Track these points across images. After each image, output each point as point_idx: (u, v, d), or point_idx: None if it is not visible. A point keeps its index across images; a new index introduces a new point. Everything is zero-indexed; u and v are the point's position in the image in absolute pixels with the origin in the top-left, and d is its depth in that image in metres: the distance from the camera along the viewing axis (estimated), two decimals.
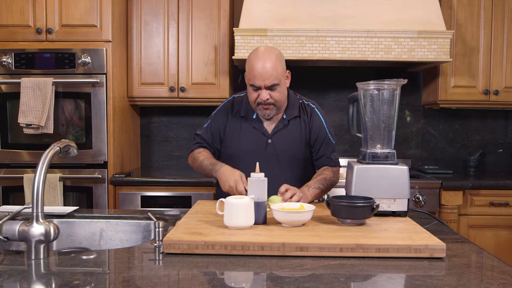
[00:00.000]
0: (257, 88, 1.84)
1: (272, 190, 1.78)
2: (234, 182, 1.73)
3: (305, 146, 1.98)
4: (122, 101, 3.06)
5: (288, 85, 1.95)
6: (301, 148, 1.96)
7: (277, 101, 1.87)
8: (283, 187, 1.73)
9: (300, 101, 2.03)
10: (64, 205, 2.79)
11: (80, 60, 2.78)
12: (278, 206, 1.50)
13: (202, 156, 1.95)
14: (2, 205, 2.84)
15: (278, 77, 1.83)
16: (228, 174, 1.77)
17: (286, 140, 1.95)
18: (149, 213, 1.62)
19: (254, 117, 1.97)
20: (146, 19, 3.13)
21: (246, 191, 1.64)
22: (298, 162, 1.96)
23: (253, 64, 1.83)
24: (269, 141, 1.94)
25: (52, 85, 2.74)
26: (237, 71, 3.50)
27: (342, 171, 1.98)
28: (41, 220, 1.23)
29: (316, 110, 2.02)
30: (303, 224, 1.45)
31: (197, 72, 3.14)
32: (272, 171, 1.82)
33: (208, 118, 2.07)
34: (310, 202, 1.76)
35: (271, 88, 1.83)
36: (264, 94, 1.83)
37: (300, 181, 1.91)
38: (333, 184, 1.94)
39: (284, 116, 1.97)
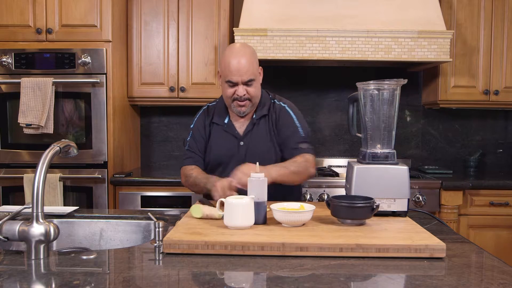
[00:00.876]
0: (234, 85, 1.86)
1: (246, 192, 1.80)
2: (221, 190, 1.70)
3: (276, 145, 1.96)
4: (122, 101, 3.06)
5: (261, 81, 1.97)
6: (271, 148, 1.95)
7: (253, 97, 1.89)
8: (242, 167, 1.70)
9: (272, 100, 2.03)
10: (64, 205, 2.79)
11: (80, 60, 2.78)
12: (279, 206, 1.50)
13: (195, 172, 1.95)
14: (2, 205, 2.84)
15: (254, 72, 1.87)
16: (217, 186, 1.74)
17: (257, 140, 1.95)
18: (149, 213, 1.62)
19: (226, 121, 1.99)
20: (146, 19, 3.13)
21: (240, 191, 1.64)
22: (272, 161, 1.92)
23: (230, 60, 1.85)
24: (241, 143, 1.95)
25: (52, 85, 2.74)
26: None
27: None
28: (41, 220, 1.23)
29: (287, 108, 2.01)
30: (303, 224, 1.45)
31: (197, 72, 3.14)
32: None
33: (188, 131, 2.09)
34: (278, 182, 1.76)
35: (247, 83, 1.86)
36: (241, 90, 1.86)
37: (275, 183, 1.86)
38: (306, 167, 1.87)
39: (254, 116, 1.98)
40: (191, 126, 2.09)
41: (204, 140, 2.02)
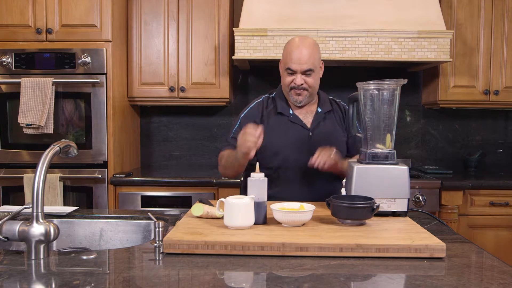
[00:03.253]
0: (292, 73, 1.89)
1: (315, 182, 1.89)
2: (244, 136, 1.69)
3: (341, 141, 2.01)
4: (122, 101, 3.06)
5: (321, 75, 1.99)
6: (340, 142, 1.99)
7: (311, 87, 1.91)
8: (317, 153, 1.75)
9: (330, 97, 2.09)
10: (64, 205, 2.79)
11: (80, 60, 2.78)
12: (279, 206, 1.50)
13: (226, 152, 1.93)
14: (2, 205, 2.84)
15: (314, 63, 1.89)
16: (240, 141, 1.73)
17: (326, 133, 1.98)
18: (149, 213, 1.62)
19: (291, 112, 1.98)
20: (146, 19, 3.13)
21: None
22: (340, 150, 1.97)
23: (292, 49, 1.89)
24: (310, 134, 1.96)
25: (52, 85, 2.74)
26: (237, 71, 3.50)
27: None
28: (41, 220, 1.23)
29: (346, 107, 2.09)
30: (303, 224, 1.45)
31: (197, 72, 3.14)
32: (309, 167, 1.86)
33: (236, 120, 2.05)
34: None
35: (306, 73, 1.88)
36: (299, 79, 1.88)
37: (335, 176, 1.95)
38: None
39: (319, 110, 2.00)
40: (241, 115, 2.03)
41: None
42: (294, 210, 1.45)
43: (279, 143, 1.94)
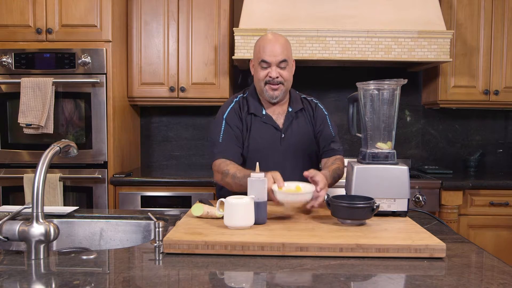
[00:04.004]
0: (267, 66, 1.87)
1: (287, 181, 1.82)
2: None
3: (313, 136, 2.01)
4: (122, 101, 3.06)
5: (293, 72, 1.98)
6: (311, 140, 1.99)
7: (286, 80, 1.89)
8: (311, 172, 1.67)
9: (302, 96, 2.07)
10: (64, 205, 2.79)
11: (80, 60, 2.78)
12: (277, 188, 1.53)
13: (232, 169, 1.80)
14: (2, 205, 2.84)
15: (288, 55, 1.89)
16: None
17: (298, 133, 1.97)
18: (149, 213, 1.62)
19: (264, 113, 1.97)
20: (146, 19, 3.13)
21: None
22: (310, 154, 1.99)
23: (265, 42, 1.89)
24: (283, 135, 1.95)
25: (52, 85, 2.74)
26: (237, 71, 3.50)
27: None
28: (41, 220, 1.23)
29: (320, 105, 2.08)
30: (303, 207, 1.49)
31: (197, 72, 3.14)
32: (286, 164, 1.88)
33: (217, 122, 1.97)
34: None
35: (280, 66, 1.87)
36: (274, 71, 1.86)
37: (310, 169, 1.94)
38: (343, 172, 1.94)
39: (290, 109, 1.99)
40: (223, 116, 1.96)
41: (240, 130, 1.93)
42: (292, 192, 1.50)
43: (254, 145, 1.93)
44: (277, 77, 1.87)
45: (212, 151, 1.93)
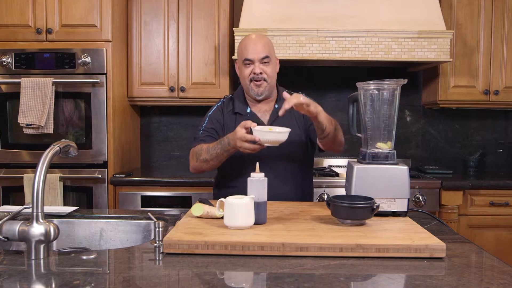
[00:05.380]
0: (250, 63, 1.92)
1: (275, 180, 1.87)
2: (239, 137, 1.70)
3: (302, 133, 2.01)
4: (122, 101, 3.06)
5: (277, 70, 2.02)
6: (298, 135, 1.98)
7: (269, 76, 1.94)
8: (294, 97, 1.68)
9: (290, 92, 2.05)
10: (64, 205, 2.79)
11: (80, 60, 2.78)
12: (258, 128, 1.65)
13: (205, 145, 1.91)
14: (2, 205, 2.84)
15: (270, 52, 1.94)
16: (233, 136, 1.75)
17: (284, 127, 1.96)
18: (149, 213, 1.62)
19: (248, 111, 2.00)
20: (146, 19, 3.13)
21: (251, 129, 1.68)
22: (297, 150, 1.98)
23: (247, 42, 1.95)
24: None
25: (52, 85, 2.75)
26: None
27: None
28: (41, 220, 1.23)
29: (305, 95, 2.04)
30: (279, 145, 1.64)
31: (197, 72, 3.14)
32: (272, 161, 1.89)
33: (203, 119, 2.06)
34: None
35: (263, 62, 1.92)
36: (257, 68, 1.92)
37: (298, 171, 1.97)
38: (340, 132, 1.93)
39: (276, 106, 2.01)
40: (209, 113, 2.06)
41: (221, 126, 2.01)
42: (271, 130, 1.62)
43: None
44: (261, 73, 1.91)
45: (192, 144, 2.01)
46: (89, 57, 2.79)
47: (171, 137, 3.55)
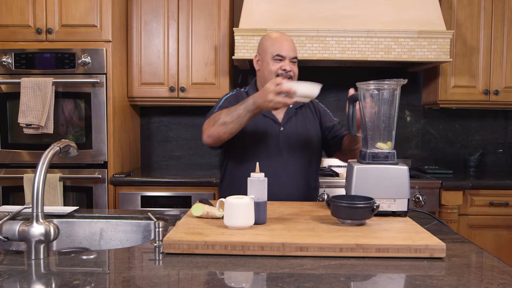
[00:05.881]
0: (281, 60, 1.95)
1: (283, 177, 1.88)
2: (274, 90, 1.66)
3: (315, 135, 2.03)
4: (122, 101, 3.06)
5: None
6: (311, 136, 2.01)
7: (295, 75, 1.98)
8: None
9: None
10: (64, 205, 2.79)
11: (80, 60, 2.78)
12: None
13: (224, 110, 1.81)
14: (2, 205, 2.84)
15: (296, 54, 2.00)
16: (262, 93, 1.70)
17: (297, 128, 1.99)
18: (149, 213, 1.62)
19: None
20: (146, 19, 3.13)
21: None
22: (307, 150, 2.00)
23: (279, 38, 1.98)
24: (281, 128, 1.97)
25: (52, 85, 2.75)
26: (237, 71, 3.50)
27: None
28: (41, 220, 1.23)
29: (318, 102, 2.15)
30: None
31: (197, 72, 3.14)
32: (282, 158, 1.92)
33: (215, 105, 2.00)
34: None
35: (292, 61, 1.97)
36: (288, 65, 1.95)
37: (306, 170, 1.99)
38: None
39: (291, 106, 2.00)
40: (223, 98, 2.01)
41: None
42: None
43: (253, 136, 1.94)
44: (290, 71, 1.94)
45: (205, 120, 1.91)
46: (89, 57, 2.79)
47: (171, 137, 3.55)
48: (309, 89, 1.71)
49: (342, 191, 2.62)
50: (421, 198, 2.79)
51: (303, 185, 1.99)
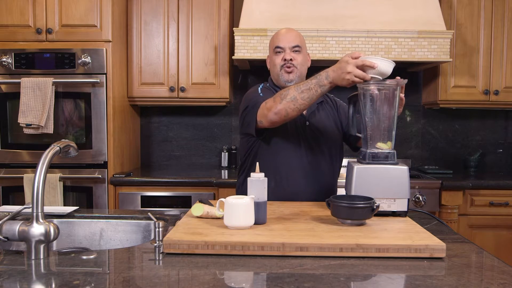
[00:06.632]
0: (281, 51, 1.95)
1: (308, 169, 1.90)
2: (355, 62, 1.59)
3: (336, 130, 2.03)
4: (122, 101, 3.06)
5: (309, 65, 2.05)
6: (334, 131, 2.02)
7: (299, 64, 1.95)
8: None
9: None
10: (64, 205, 2.79)
11: (80, 60, 2.78)
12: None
13: (292, 87, 1.72)
14: (2, 205, 2.84)
15: (301, 42, 1.98)
16: (339, 65, 1.62)
17: (321, 122, 1.99)
18: (149, 213, 1.62)
19: None
20: (146, 19, 3.13)
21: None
22: (332, 144, 2.00)
23: (279, 33, 2.00)
24: (307, 123, 1.97)
25: (52, 85, 2.75)
26: (237, 71, 3.50)
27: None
28: (41, 220, 1.23)
29: (333, 96, 2.14)
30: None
31: (197, 72, 3.14)
32: (309, 152, 1.92)
33: (248, 98, 1.93)
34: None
35: (294, 50, 1.95)
36: (288, 54, 1.94)
37: (330, 163, 1.98)
38: None
39: None
40: (258, 89, 1.97)
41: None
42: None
43: (281, 130, 1.92)
44: (291, 60, 1.92)
45: (255, 106, 1.84)
46: (89, 57, 2.79)
47: (171, 137, 3.55)
48: (386, 66, 1.58)
49: (342, 191, 2.62)
50: (421, 198, 2.79)
51: (327, 180, 1.99)
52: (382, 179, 1.59)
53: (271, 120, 1.77)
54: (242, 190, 2.03)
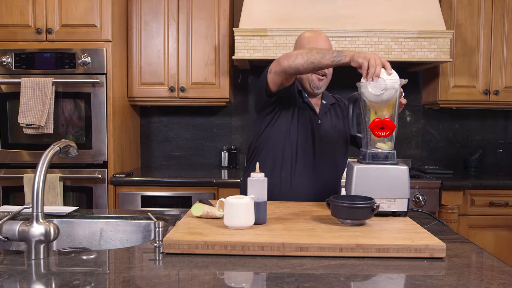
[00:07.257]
0: None
1: (318, 167, 1.90)
2: (374, 56, 1.59)
3: (345, 131, 2.04)
4: (122, 101, 3.06)
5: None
6: (343, 132, 2.03)
7: (328, 74, 1.97)
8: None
9: (330, 94, 2.14)
10: (64, 205, 2.79)
11: (80, 60, 2.78)
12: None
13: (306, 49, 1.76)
14: (2, 205, 2.84)
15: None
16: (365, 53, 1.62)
17: (332, 123, 2.01)
18: (149, 213, 1.62)
19: (305, 95, 1.99)
20: (146, 19, 3.13)
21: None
22: (339, 144, 2.01)
23: (317, 37, 1.96)
24: (320, 121, 1.98)
25: (52, 85, 2.75)
26: (237, 71, 3.49)
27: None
28: (41, 220, 1.23)
29: (341, 97, 2.16)
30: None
31: (197, 72, 3.14)
32: (318, 149, 1.92)
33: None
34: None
35: None
36: None
37: (336, 163, 1.99)
38: None
39: (324, 102, 2.03)
40: None
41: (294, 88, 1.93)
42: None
43: (289, 121, 1.94)
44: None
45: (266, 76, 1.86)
46: (89, 57, 2.79)
47: (171, 137, 3.55)
48: (392, 83, 1.56)
49: (342, 191, 2.62)
50: (421, 198, 2.79)
51: (335, 178, 2.01)
52: (382, 179, 1.59)
53: (280, 64, 1.78)
54: (243, 192, 2.05)
